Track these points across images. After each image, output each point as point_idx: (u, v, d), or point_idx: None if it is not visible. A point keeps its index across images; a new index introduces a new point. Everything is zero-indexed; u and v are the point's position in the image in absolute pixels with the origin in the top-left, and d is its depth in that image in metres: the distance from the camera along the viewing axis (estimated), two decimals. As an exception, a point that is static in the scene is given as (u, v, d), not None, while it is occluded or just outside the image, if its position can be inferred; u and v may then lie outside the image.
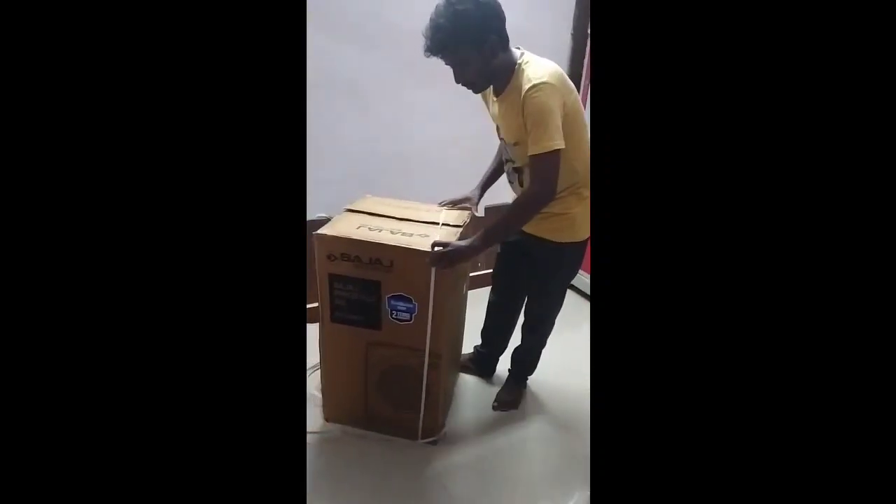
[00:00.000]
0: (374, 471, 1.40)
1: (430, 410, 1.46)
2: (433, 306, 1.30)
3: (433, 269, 1.25)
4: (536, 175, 1.20)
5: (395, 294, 1.32)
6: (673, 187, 0.48)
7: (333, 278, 1.33)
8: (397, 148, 2.06)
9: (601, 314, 0.53)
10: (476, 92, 1.32)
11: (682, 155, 0.48)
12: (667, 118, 0.48)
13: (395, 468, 1.41)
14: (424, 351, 1.37)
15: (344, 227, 1.34)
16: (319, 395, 1.54)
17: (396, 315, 1.34)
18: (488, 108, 1.43)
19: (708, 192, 0.47)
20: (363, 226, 1.36)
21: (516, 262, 1.54)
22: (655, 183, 0.49)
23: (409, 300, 1.32)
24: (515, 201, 1.24)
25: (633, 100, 0.50)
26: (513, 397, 1.69)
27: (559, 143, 1.15)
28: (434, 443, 1.50)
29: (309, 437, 1.49)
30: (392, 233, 1.33)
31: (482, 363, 1.83)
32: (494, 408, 1.67)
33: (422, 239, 1.31)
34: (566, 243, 1.38)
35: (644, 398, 0.49)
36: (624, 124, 0.50)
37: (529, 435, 1.57)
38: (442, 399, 1.47)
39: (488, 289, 1.71)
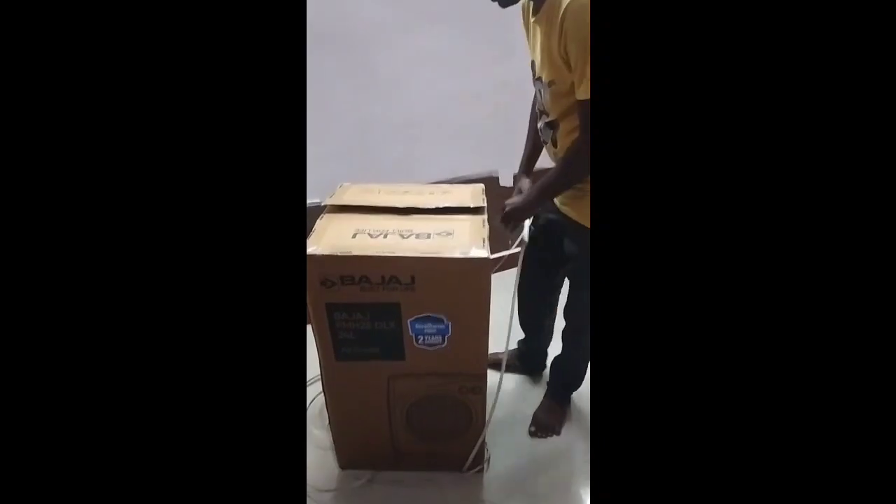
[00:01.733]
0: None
1: (475, 437, 1.19)
2: (481, 322, 1.00)
3: (489, 277, 0.95)
4: (585, 121, 0.91)
5: (420, 316, 1.00)
6: (679, 186, 0.46)
7: (333, 308, 0.99)
8: (401, 110, 1.65)
9: (601, 314, 0.50)
10: (503, 5, 0.96)
11: (687, 151, 0.45)
12: (672, 112, 0.45)
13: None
14: (465, 375, 1.08)
15: (336, 236, 0.99)
16: (318, 433, 1.24)
17: (424, 340, 1.03)
18: (527, 37, 1.07)
19: (711, 189, 0.45)
20: (360, 231, 1.01)
21: (550, 237, 1.23)
22: (658, 182, 0.46)
23: (439, 321, 1.00)
24: (567, 152, 0.95)
25: (635, 95, 0.46)
26: (553, 420, 1.37)
27: None
28: (480, 471, 1.25)
29: (323, 496, 1.20)
30: (403, 236, 0.99)
31: (529, 357, 1.51)
32: (532, 433, 1.35)
33: (446, 240, 0.98)
34: None
35: (646, 399, 0.47)
36: (626, 121, 0.47)
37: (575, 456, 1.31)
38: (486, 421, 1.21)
39: (512, 272, 1.38)
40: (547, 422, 1.37)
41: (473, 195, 1.16)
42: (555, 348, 1.40)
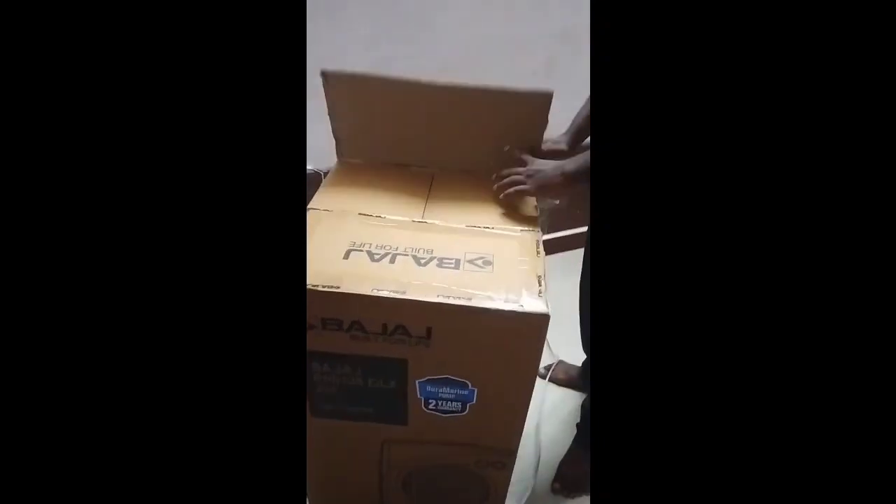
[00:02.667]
0: None
1: (490, 513, 0.92)
2: (523, 391, 0.70)
3: (544, 336, 0.63)
4: None
5: (435, 378, 0.69)
6: (683, 186, 0.42)
7: (311, 357, 0.69)
8: (430, 57, 1.32)
9: (602, 314, 0.45)
10: None
11: (689, 151, 0.42)
12: (674, 111, 0.42)
13: None
14: (488, 449, 0.79)
15: (320, 253, 0.67)
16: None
17: (437, 406, 0.73)
18: None
19: (715, 190, 0.42)
20: (357, 245, 0.69)
21: None
22: (662, 182, 0.42)
23: (462, 385, 0.70)
24: None
25: (636, 94, 0.43)
26: (583, 475, 1.08)
27: None
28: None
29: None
30: (419, 260, 0.67)
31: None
32: (555, 490, 1.09)
33: (483, 274, 0.66)
34: None
35: (647, 402, 0.43)
36: (627, 121, 0.43)
37: None
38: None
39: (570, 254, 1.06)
40: (575, 478, 1.10)
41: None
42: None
